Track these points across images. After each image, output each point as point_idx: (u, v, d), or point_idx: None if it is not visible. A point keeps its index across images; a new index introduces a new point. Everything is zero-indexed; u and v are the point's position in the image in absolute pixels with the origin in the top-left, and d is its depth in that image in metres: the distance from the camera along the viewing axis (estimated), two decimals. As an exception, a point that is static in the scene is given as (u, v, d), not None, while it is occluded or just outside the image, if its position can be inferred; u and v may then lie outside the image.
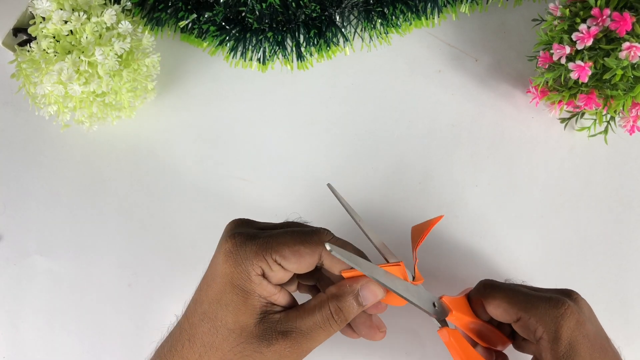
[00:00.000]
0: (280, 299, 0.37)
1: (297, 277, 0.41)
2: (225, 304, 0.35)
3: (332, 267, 0.37)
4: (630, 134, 0.46)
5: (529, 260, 0.49)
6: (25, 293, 0.51)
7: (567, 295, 0.38)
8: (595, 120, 0.48)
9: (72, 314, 0.50)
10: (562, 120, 0.50)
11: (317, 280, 0.41)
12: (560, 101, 0.46)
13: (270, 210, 0.51)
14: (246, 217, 0.40)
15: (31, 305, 0.51)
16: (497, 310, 0.38)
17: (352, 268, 0.36)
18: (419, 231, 0.42)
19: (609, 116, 0.47)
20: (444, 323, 0.39)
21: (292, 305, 0.38)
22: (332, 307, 0.36)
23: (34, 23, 0.44)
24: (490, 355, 0.42)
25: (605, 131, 0.48)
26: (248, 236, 0.36)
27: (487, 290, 0.39)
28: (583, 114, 0.49)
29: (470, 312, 0.40)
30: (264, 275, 0.35)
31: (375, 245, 0.40)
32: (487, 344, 0.41)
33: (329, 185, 0.40)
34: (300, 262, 0.35)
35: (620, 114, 0.45)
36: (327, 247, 0.34)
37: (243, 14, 0.49)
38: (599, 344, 0.36)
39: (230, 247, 0.35)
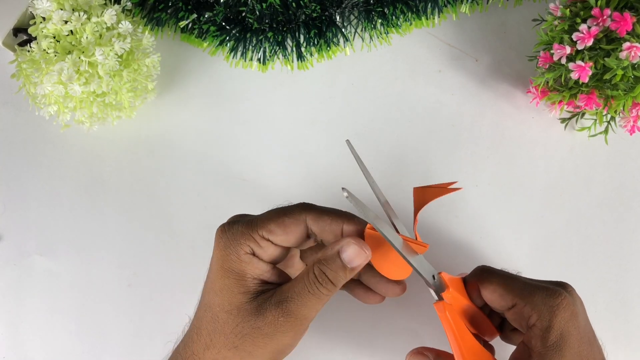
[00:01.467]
0: (273, 277, 0.37)
1: (301, 258, 0.42)
2: (219, 289, 0.36)
3: (323, 234, 0.37)
4: (631, 134, 0.46)
5: (529, 260, 0.49)
6: (25, 293, 0.51)
7: (562, 287, 0.38)
8: (595, 120, 0.48)
9: (72, 314, 0.50)
10: (563, 120, 0.50)
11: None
12: (560, 101, 0.46)
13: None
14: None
15: (31, 305, 0.51)
16: (493, 295, 0.38)
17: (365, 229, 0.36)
18: (424, 194, 0.41)
19: (609, 116, 0.47)
20: (440, 298, 0.39)
21: (287, 280, 0.38)
22: (316, 270, 0.36)
23: (34, 23, 0.44)
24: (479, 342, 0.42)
25: (606, 131, 0.48)
26: (235, 222, 0.37)
27: (485, 275, 0.39)
28: (583, 114, 0.49)
29: (465, 294, 0.40)
30: (254, 254, 0.36)
31: (386, 211, 0.40)
32: (476, 331, 0.41)
33: (347, 141, 0.39)
34: (287, 233, 0.36)
35: (621, 114, 0.45)
36: (345, 193, 0.34)
37: (243, 14, 0.49)
38: (587, 338, 0.37)
39: (219, 234, 0.37)
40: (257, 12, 0.49)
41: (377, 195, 0.40)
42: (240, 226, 0.37)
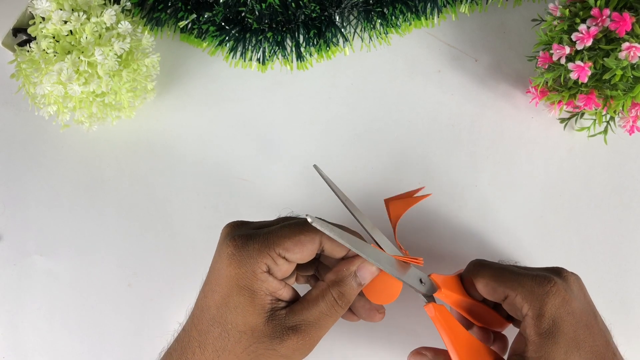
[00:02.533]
0: (285, 293, 0.37)
1: (297, 268, 0.41)
2: (233, 306, 0.36)
3: (333, 252, 0.38)
4: (630, 134, 0.46)
5: (529, 261, 0.49)
6: (25, 293, 0.51)
7: (556, 274, 0.38)
8: (594, 120, 0.48)
9: (72, 314, 0.50)
10: (562, 120, 0.50)
11: (315, 270, 0.42)
12: (559, 101, 0.46)
13: (270, 210, 0.51)
14: (243, 218, 0.40)
15: (31, 305, 0.51)
16: (486, 289, 0.38)
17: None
18: (397, 206, 0.42)
19: (608, 116, 0.47)
20: (431, 299, 0.39)
21: (296, 298, 0.38)
22: (334, 293, 0.36)
23: (34, 23, 0.44)
24: (487, 335, 0.42)
25: (605, 131, 0.48)
26: (248, 236, 0.36)
27: (477, 268, 0.39)
28: (583, 114, 0.49)
29: (461, 290, 0.40)
30: (269, 272, 0.36)
31: (365, 227, 0.40)
32: (483, 324, 0.41)
33: (315, 166, 0.41)
34: (303, 251, 0.36)
35: (620, 114, 0.45)
36: (309, 219, 0.34)
37: (243, 14, 0.49)
38: (584, 321, 0.37)
39: (232, 250, 0.36)
40: (257, 12, 0.49)
41: (352, 212, 0.40)
42: (256, 244, 0.36)
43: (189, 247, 0.51)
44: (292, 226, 0.37)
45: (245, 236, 0.36)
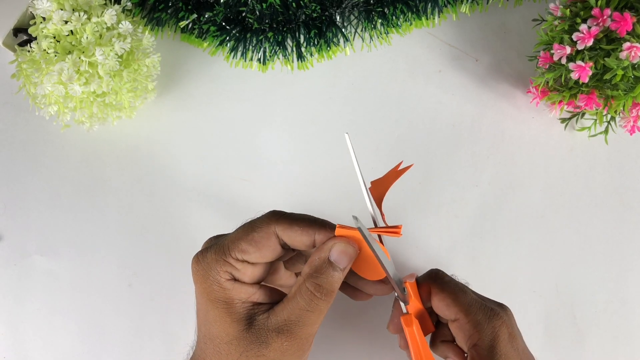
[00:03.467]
0: (262, 296, 0.36)
1: (288, 266, 0.40)
2: (213, 321, 0.35)
3: (295, 244, 0.36)
4: (631, 134, 0.46)
5: (529, 261, 0.49)
6: (25, 293, 0.51)
7: (501, 309, 0.39)
8: (595, 120, 0.48)
9: (72, 314, 0.50)
10: (563, 120, 0.50)
11: (305, 262, 0.41)
12: (560, 101, 0.46)
13: (270, 210, 0.51)
14: (243, 218, 0.40)
15: (31, 305, 0.51)
16: (440, 304, 0.39)
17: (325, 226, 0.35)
18: (381, 184, 0.40)
19: (609, 116, 0.47)
20: (406, 310, 0.39)
21: (278, 299, 0.37)
22: (310, 287, 0.35)
23: (35, 23, 0.44)
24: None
25: (606, 131, 0.48)
26: (207, 249, 0.36)
27: (438, 281, 0.39)
28: (583, 114, 0.49)
29: (418, 296, 0.40)
30: (234, 279, 0.35)
31: (373, 212, 0.38)
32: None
33: (347, 134, 0.37)
34: (260, 250, 0.35)
35: (621, 114, 0.45)
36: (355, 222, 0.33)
37: (243, 14, 0.49)
38: (525, 358, 0.38)
39: (195, 266, 0.35)
40: (257, 12, 0.49)
41: (367, 191, 0.38)
42: (212, 253, 0.35)
43: (189, 247, 0.51)
44: (244, 226, 0.36)
45: (205, 250, 0.36)
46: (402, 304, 0.39)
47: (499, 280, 0.49)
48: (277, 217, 0.36)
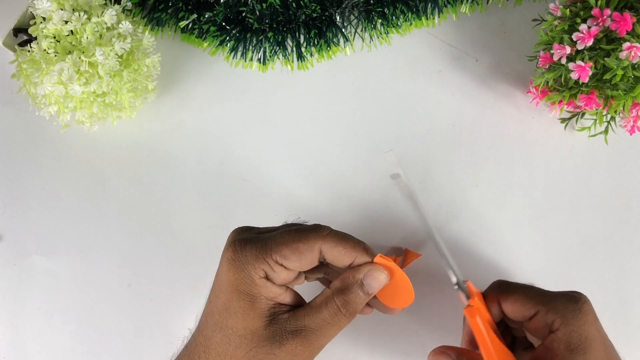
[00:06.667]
0: (287, 298, 0.37)
1: (305, 272, 0.41)
2: (233, 311, 0.36)
3: (335, 261, 0.37)
4: (631, 134, 0.46)
5: (529, 261, 0.49)
6: (25, 293, 0.51)
7: (579, 294, 0.38)
8: (595, 120, 0.48)
9: (72, 314, 0.50)
10: (563, 120, 0.50)
11: (325, 274, 0.42)
12: (560, 101, 0.46)
13: (270, 210, 0.51)
14: (243, 218, 0.40)
15: (31, 305, 0.51)
16: (514, 305, 0.38)
17: (376, 256, 0.38)
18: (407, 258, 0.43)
19: (609, 116, 0.47)
20: (469, 304, 0.39)
21: (299, 303, 0.38)
22: (338, 302, 0.36)
23: (35, 23, 0.44)
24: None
25: (606, 131, 0.48)
26: (246, 241, 0.36)
27: (503, 287, 0.39)
28: (583, 114, 0.49)
29: (485, 308, 0.40)
30: (267, 278, 0.36)
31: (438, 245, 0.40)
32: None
33: (390, 152, 0.39)
34: (301, 260, 0.36)
35: (621, 114, 0.45)
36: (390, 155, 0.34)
37: (243, 14, 0.49)
38: (608, 342, 0.37)
39: (231, 255, 0.36)
40: (257, 12, 0.49)
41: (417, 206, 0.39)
42: (253, 249, 0.36)
43: (188, 247, 0.51)
44: (291, 233, 0.36)
45: (244, 241, 0.36)
46: (462, 296, 0.39)
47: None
48: (324, 233, 0.37)
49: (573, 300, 0.37)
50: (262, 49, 0.50)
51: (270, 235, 0.37)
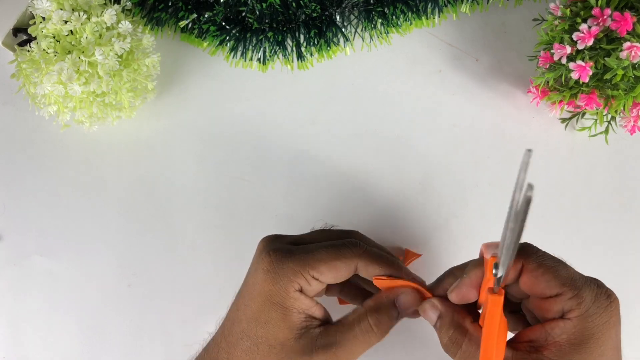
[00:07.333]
0: (317, 311, 0.37)
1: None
2: (264, 321, 0.36)
3: (369, 276, 0.38)
4: (631, 134, 0.46)
5: (529, 261, 0.49)
6: (25, 293, 0.51)
7: (612, 292, 0.35)
8: (596, 120, 0.47)
9: (72, 314, 0.50)
10: (563, 120, 0.50)
11: (343, 285, 0.42)
12: (561, 101, 0.46)
13: (270, 210, 0.51)
14: (243, 218, 0.40)
15: (31, 305, 0.51)
16: (538, 281, 0.34)
17: (385, 275, 0.37)
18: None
19: (609, 116, 0.47)
20: (496, 291, 0.34)
21: (328, 318, 0.38)
22: (371, 320, 0.36)
23: (34, 23, 0.44)
24: None
25: (606, 131, 0.48)
26: (284, 253, 0.37)
27: (531, 255, 0.35)
28: (584, 114, 0.49)
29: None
30: (301, 291, 0.36)
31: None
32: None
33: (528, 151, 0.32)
34: (337, 276, 0.37)
35: (621, 113, 0.45)
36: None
37: (243, 14, 0.49)
38: (619, 348, 0.36)
39: (267, 266, 0.36)
40: (257, 12, 0.49)
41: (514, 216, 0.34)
42: (293, 263, 0.36)
43: (189, 247, 0.51)
44: (329, 250, 0.37)
45: (282, 253, 0.37)
46: (495, 282, 0.34)
47: (499, 280, 0.49)
48: (360, 251, 0.37)
49: (604, 296, 0.33)
50: (262, 48, 0.50)
51: (308, 250, 0.37)
